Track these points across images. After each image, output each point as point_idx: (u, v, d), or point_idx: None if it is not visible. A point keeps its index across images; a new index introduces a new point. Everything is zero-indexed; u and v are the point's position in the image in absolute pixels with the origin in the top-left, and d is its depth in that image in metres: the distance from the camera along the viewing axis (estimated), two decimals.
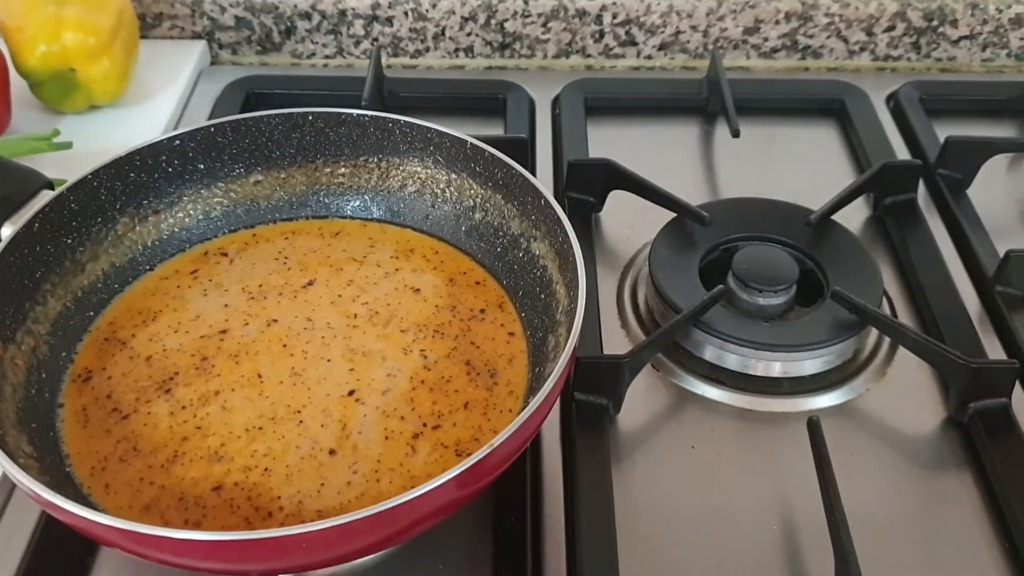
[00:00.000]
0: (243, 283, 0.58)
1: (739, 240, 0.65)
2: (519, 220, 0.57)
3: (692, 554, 0.50)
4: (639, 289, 0.65)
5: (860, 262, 0.63)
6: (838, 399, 0.58)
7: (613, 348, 0.60)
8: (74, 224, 0.55)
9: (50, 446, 0.48)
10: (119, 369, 0.53)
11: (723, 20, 0.85)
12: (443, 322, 0.56)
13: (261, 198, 0.62)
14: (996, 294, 0.63)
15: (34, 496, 0.41)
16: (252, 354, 0.54)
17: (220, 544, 0.39)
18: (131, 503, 0.47)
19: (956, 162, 0.73)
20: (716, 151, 0.78)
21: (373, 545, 0.44)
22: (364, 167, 0.62)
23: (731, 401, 0.58)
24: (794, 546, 0.51)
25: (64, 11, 0.73)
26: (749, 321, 0.60)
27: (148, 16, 0.86)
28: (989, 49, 0.87)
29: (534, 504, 0.52)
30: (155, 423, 0.50)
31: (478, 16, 0.85)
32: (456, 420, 0.50)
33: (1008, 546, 0.51)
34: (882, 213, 0.71)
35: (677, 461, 0.55)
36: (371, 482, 0.47)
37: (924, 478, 0.54)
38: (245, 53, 0.88)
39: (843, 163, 0.77)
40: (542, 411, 0.44)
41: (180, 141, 0.59)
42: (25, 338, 0.51)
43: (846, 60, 0.88)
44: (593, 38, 0.87)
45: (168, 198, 0.60)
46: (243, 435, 0.49)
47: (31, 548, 0.50)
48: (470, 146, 0.58)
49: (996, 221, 0.70)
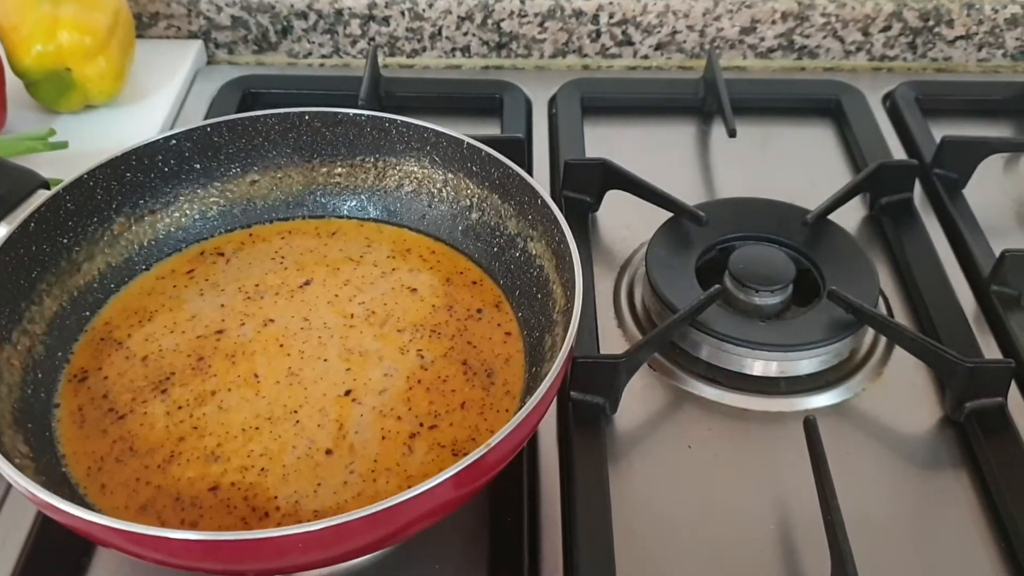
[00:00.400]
0: (239, 283, 0.58)
1: (735, 240, 0.65)
2: (516, 220, 0.57)
3: (688, 554, 0.50)
4: (636, 289, 0.65)
5: (856, 262, 0.63)
6: (834, 399, 0.58)
7: (610, 348, 0.60)
8: (70, 224, 0.55)
9: (46, 446, 0.48)
10: (115, 369, 0.53)
11: (719, 20, 0.86)
12: (440, 322, 0.56)
13: (257, 198, 0.62)
14: (992, 293, 0.64)
15: (30, 496, 0.41)
16: (248, 354, 0.54)
17: (217, 544, 0.39)
18: (127, 503, 0.47)
19: (952, 162, 0.73)
20: (712, 151, 0.78)
21: (370, 545, 0.44)
22: (361, 167, 0.62)
23: (727, 401, 0.58)
24: (790, 546, 0.51)
25: (60, 10, 0.73)
26: (745, 321, 0.60)
27: (144, 15, 0.86)
28: (985, 49, 0.88)
29: (531, 504, 0.52)
30: (151, 423, 0.50)
31: (475, 16, 0.85)
32: (453, 420, 0.50)
33: (1004, 545, 0.51)
34: (878, 213, 0.71)
35: (674, 461, 0.55)
36: (368, 482, 0.47)
37: (920, 478, 0.54)
38: (241, 53, 0.88)
39: (839, 163, 0.77)
40: (539, 411, 0.44)
41: (176, 141, 0.59)
42: (21, 338, 0.51)
43: (842, 60, 0.88)
44: (590, 38, 0.87)
45: (164, 198, 0.60)
46: (239, 435, 0.49)
47: (27, 549, 0.50)
48: (467, 146, 0.58)
49: (992, 221, 0.70)
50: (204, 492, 0.47)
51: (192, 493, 0.47)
